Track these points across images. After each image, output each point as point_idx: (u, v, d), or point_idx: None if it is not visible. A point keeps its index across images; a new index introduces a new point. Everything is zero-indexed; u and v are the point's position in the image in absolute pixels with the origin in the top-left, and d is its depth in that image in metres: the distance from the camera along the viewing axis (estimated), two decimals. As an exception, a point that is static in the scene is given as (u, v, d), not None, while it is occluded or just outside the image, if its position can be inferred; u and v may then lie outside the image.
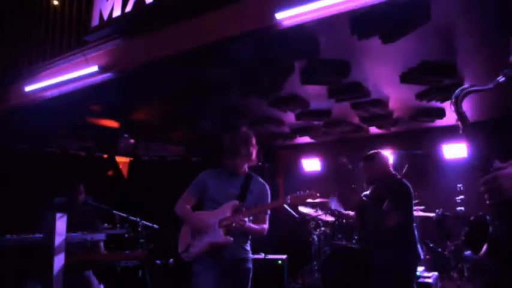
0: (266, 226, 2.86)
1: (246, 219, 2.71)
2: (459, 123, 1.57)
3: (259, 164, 2.95)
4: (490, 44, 3.21)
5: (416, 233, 3.27)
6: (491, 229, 1.46)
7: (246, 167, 2.92)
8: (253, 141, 2.89)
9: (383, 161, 3.44)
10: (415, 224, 3.29)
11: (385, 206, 3.20)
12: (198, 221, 2.78)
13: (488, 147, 1.50)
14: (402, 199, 3.21)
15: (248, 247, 2.89)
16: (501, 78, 1.49)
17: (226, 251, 2.72)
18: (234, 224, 2.66)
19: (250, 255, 2.89)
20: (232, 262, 2.76)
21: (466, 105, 1.55)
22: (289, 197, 2.76)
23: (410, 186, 3.27)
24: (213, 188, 2.84)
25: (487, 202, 1.41)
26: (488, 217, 1.50)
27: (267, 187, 2.96)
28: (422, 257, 3.30)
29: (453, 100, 1.58)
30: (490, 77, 1.56)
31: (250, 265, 2.85)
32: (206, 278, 2.68)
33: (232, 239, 2.67)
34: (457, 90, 1.58)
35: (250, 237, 2.91)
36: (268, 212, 2.91)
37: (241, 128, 2.95)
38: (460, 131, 1.57)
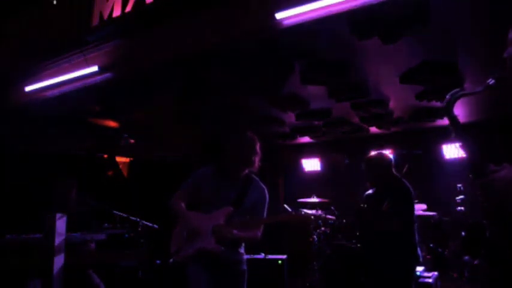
0: (259, 233, 2.77)
1: (236, 231, 2.62)
2: (451, 127, 1.57)
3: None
4: (490, 44, 3.21)
5: (416, 235, 3.26)
6: (488, 233, 1.45)
7: (246, 170, 2.85)
8: (257, 148, 2.80)
9: (385, 162, 3.43)
10: (416, 225, 3.29)
11: (384, 207, 3.20)
12: (192, 222, 2.70)
13: (482, 150, 1.49)
14: (403, 201, 3.21)
15: (242, 250, 2.83)
16: (491, 81, 1.49)
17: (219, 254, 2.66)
18: (222, 236, 2.59)
19: (245, 258, 2.83)
20: (226, 265, 2.71)
21: (459, 106, 1.55)
22: (286, 214, 2.72)
23: (411, 188, 3.26)
24: (208, 190, 2.75)
25: (483, 206, 1.40)
26: (484, 221, 1.49)
27: (266, 193, 2.86)
28: (421, 259, 3.30)
29: (444, 105, 1.59)
30: (491, 76, 1.55)
31: (245, 267, 2.80)
32: (200, 281, 2.62)
33: (222, 248, 2.60)
34: (448, 96, 1.60)
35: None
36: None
37: (247, 133, 2.84)
38: (453, 135, 1.57)
